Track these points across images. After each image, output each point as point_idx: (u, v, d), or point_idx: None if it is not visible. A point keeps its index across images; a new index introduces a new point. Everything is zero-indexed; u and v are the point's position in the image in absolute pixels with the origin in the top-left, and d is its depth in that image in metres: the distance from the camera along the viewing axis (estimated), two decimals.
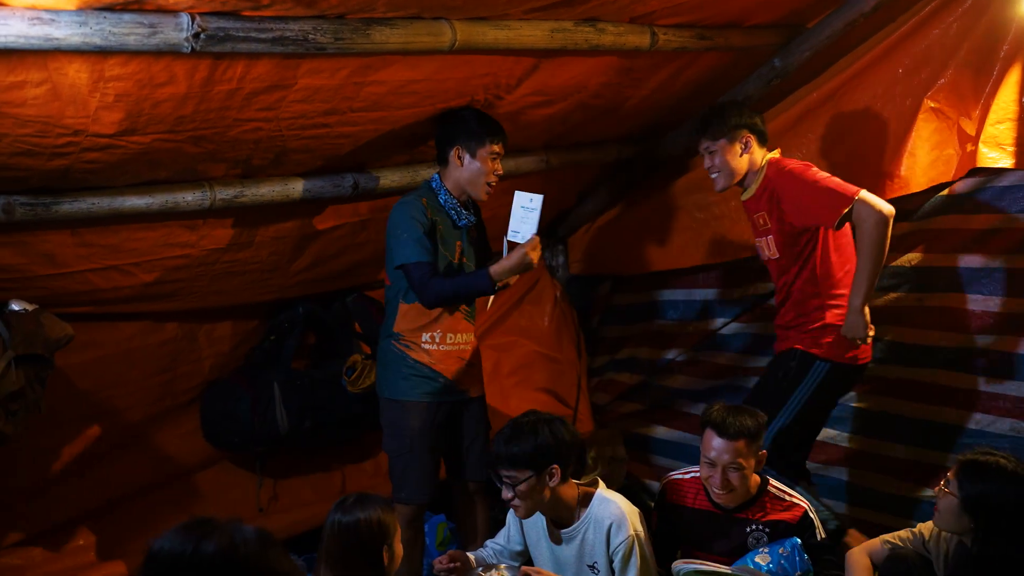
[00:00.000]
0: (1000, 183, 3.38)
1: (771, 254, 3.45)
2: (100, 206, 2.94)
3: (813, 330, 3.37)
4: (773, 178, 3.37)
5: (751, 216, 3.51)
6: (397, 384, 3.41)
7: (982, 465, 2.63)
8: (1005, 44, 3.28)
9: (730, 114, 3.41)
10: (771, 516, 2.98)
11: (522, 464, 2.77)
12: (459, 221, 3.41)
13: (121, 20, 2.30)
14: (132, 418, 3.70)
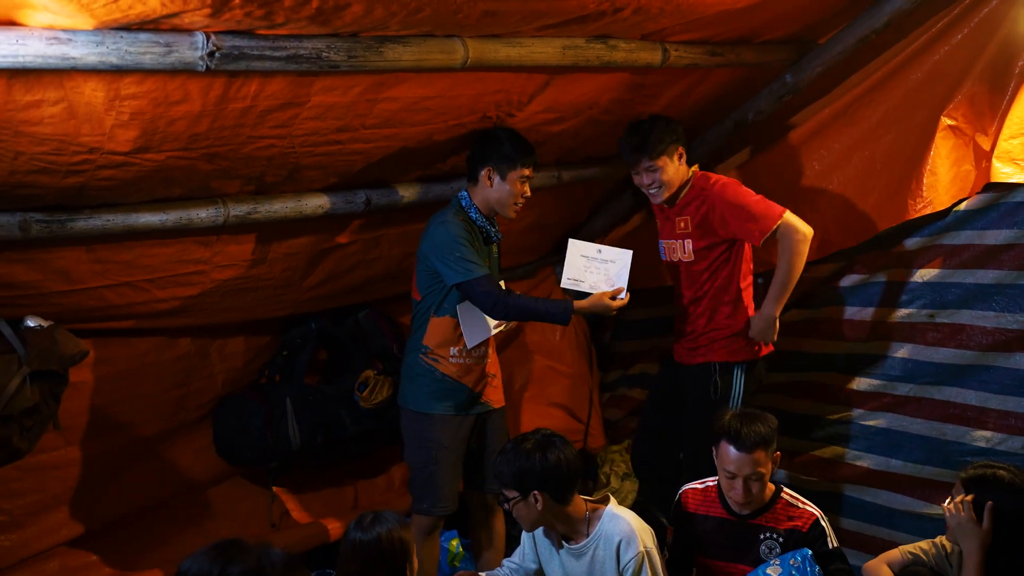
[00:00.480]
0: (1014, 199, 3.37)
1: (684, 257, 3.62)
2: (115, 223, 2.95)
3: (726, 339, 3.59)
4: (707, 189, 3.54)
5: (669, 217, 3.64)
6: (424, 398, 3.46)
7: (983, 478, 2.64)
8: (1020, 60, 3.29)
9: (665, 132, 3.49)
10: (784, 524, 3.00)
11: (507, 484, 2.86)
12: (490, 238, 3.47)
13: (137, 39, 2.32)
14: (145, 433, 3.71)
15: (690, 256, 3.61)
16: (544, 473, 2.82)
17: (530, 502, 2.83)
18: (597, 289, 3.40)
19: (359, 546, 2.55)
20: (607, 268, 3.41)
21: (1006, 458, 3.34)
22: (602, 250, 3.45)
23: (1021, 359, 3.38)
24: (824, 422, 3.99)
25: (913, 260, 3.68)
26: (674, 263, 3.70)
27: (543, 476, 2.82)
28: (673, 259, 3.69)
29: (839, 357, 3.96)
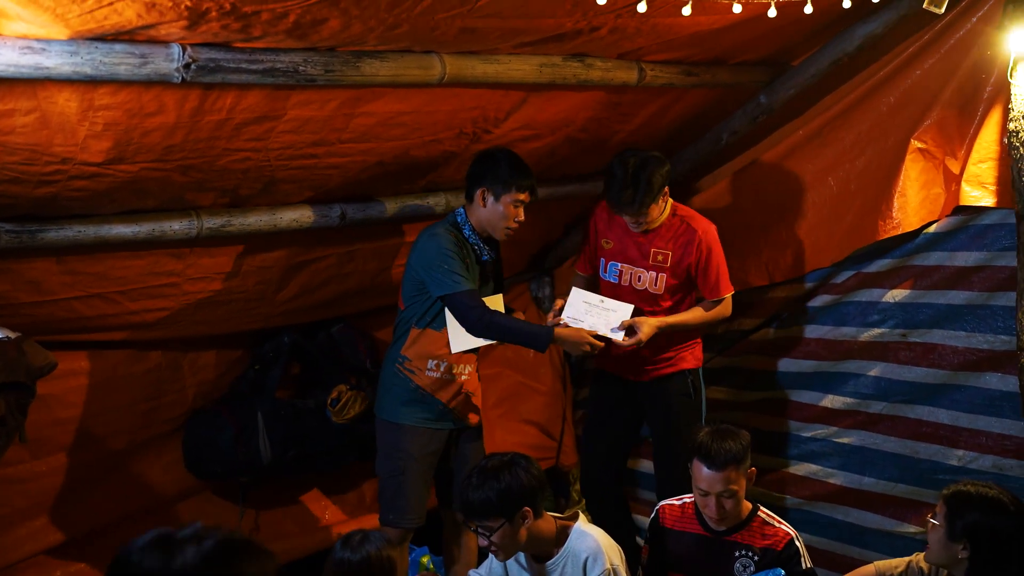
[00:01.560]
0: (982, 221, 3.41)
1: (653, 288, 3.60)
2: (86, 234, 2.93)
3: (691, 348, 3.71)
4: (696, 232, 3.55)
5: (644, 246, 3.60)
6: (397, 407, 3.45)
7: (967, 495, 2.65)
8: (988, 85, 3.33)
9: (655, 183, 3.41)
10: (759, 542, 3.01)
11: (493, 513, 2.76)
12: (481, 256, 3.46)
13: (112, 50, 2.31)
14: (114, 447, 3.67)
15: (659, 289, 3.60)
16: (525, 488, 2.78)
17: (516, 522, 2.77)
18: (595, 329, 3.44)
19: (348, 566, 2.55)
20: (608, 316, 3.46)
21: (978, 477, 3.36)
22: (604, 300, 3.50)
23: (991, 379, 3.41)
24: (797, 440, 4.01)
25: (885, 280, 3.71)
26: (635, 289, 3.63)
27: (525, 491, 2.77)
28: (636, 285, 3.63)
29: (812, 375, 3.98)
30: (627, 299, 3.58)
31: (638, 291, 3.63)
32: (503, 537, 2.77)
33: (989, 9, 3.29)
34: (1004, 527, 2.59)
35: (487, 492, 2.75)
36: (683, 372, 3.67)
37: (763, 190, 4.05)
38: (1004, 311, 3.33)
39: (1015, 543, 2.59)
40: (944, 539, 2.65)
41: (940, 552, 2.69)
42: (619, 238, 3.66)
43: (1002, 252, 3.34)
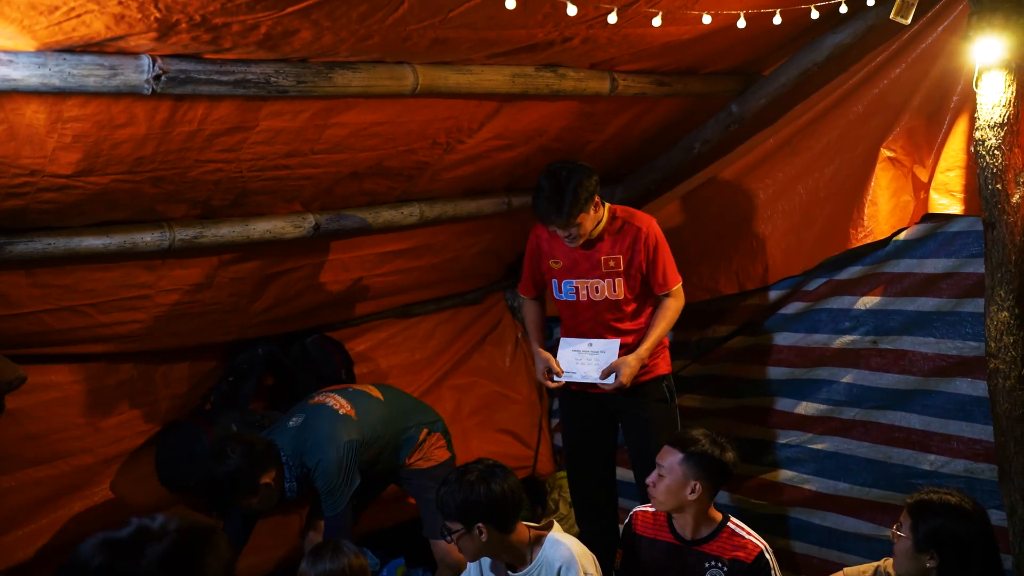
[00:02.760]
0: (950, 229, 3.45)
1: (612, 295, 3.58)
2: (56, 246, 2.91)
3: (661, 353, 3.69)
4: (641, 229, 3.52)
5: (592, 256, 3.56)
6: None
7: (930, 503, 2.67)
8: (955, 95, 3.37)
9: (579, 193, 3.34)
10: (729, 554, 3.01)
11: (451, 517, 2.85)
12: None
13: (81, 62, 2.30)
14: (85, 461, 3.62)
15: (621, 295, 3.56)
16: (489, 505, 2.82)
17: (474, 534, 2.83)
18: (589, 378, 3.54)
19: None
20: (598, 358, 3.53)
21: (950, 480, 3.41)
22: (592, 343, 3.57)
23: (961, 384, 3.45)
24: (772, 446, 4.03)
25: (856, 288, 3.74)
26: (594, 301, 3.60)
27: (488, 508, 2.82)
28: (595, 297, 3.59)
29: (785, 383, 4.01)
30: (587, 313, 3.61)
31: (597, 302, 3.60)
32: (461, 542, 2.87)
33: (954, 20, 3.34)
34: (967, 532, 2.61)
35: (453, 497, 2.84)
36: (658, 378, 3.66)
37: (734, 199, 4.08)
38: (972, 317, 3.37)
39: (977, 548, 2.62)
40: (911, 551, 2.66)
41: (907, 563, 2.69)
42: (566, 255, 3.60)
43: (970, 259, 3.38)
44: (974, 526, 2.62)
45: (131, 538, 1.40)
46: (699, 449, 3.01)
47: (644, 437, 3.67)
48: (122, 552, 1.38)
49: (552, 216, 3.38)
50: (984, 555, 2.63)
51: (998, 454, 3.15)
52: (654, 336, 3.57)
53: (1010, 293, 3.08)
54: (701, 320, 4.27)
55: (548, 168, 3.42)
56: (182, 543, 1.39)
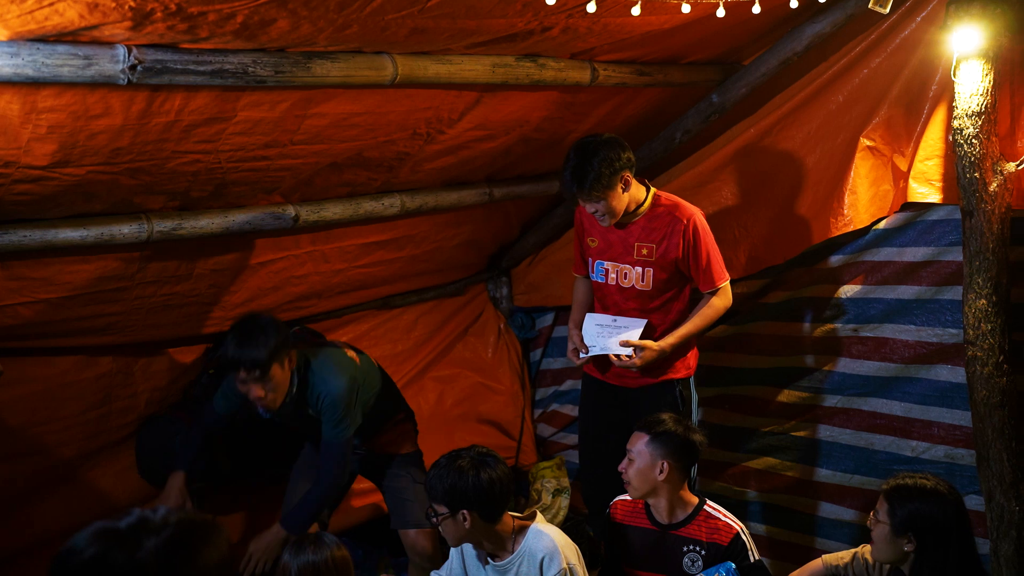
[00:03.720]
0: (929, 217, 3.48)
1: (640, 285, 3.49)
2: (32, 239, 2.88)
3: (682, 358, 3.58)
4: (679, 221, 3.41)
5: (627, 240, 3.47)
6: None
7: (906, 488, 2.70)
8: (934, 84, 3.39)
9: (606, 168, 3.23)
10: (705, 537, 3.04)
11: (437, 500, 2.85)
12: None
13: (55, 51, 2.27)
14: (64, 455, 3.60)
15: (647, 285, 3.47)
16: (476, 493, 2.81)
17: (458, 520, 2.83)
18: (607, 350, 3.48)
19: (311, 568, 2.62)
20: (620, 334, 3.47)
21: (931, 466, 3.44)
22: (617, 319, 3.50)
23: (941, 371, 3.48)
24: (755, 434, 4.05)
25: (837, 276, 3.76)
26: (622, 287, 3.53)
27: (475, 495, 2.81)
28: (623, 283, 3.52)
29: (768, 371, 4.03)
30: (612, 299, 3.54)
31: (625, 289, 3.51)
32: (444, 525, 2.87)
33: (932, 9, 3.35)
34: (943, 515, 2.65)
35: (441, 481, 2.84)
36: (671, 382, 3.55)
37: (717, 189, 4.08)
38: (952, 305, 3.40)
39: (953, 531, 2.65)
40: (889, 535, 2.69)
41: (886, 548, 2.72)
42: (602, 235, 3.51)
43: (949, 247, 3.41)
44: (950, 508, 2.65)
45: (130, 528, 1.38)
46: (664, 428, 3.05)
47: None
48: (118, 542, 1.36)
49: (573, 189, 3.28)
50: (960, 537, 2.66)
51: (976, 440, 3.18)
52: (684, 330, 3.46)
53: (988, 281, 3.10)
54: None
55: (578, 140, 3.34)
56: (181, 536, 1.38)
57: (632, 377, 3.56)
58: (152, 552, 1.35)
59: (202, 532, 1.42)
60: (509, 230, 4.72)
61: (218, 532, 1.45)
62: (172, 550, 1.37)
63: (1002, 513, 3.07)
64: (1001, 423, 3.10)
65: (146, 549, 1.35)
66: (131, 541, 1.36)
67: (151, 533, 1.37)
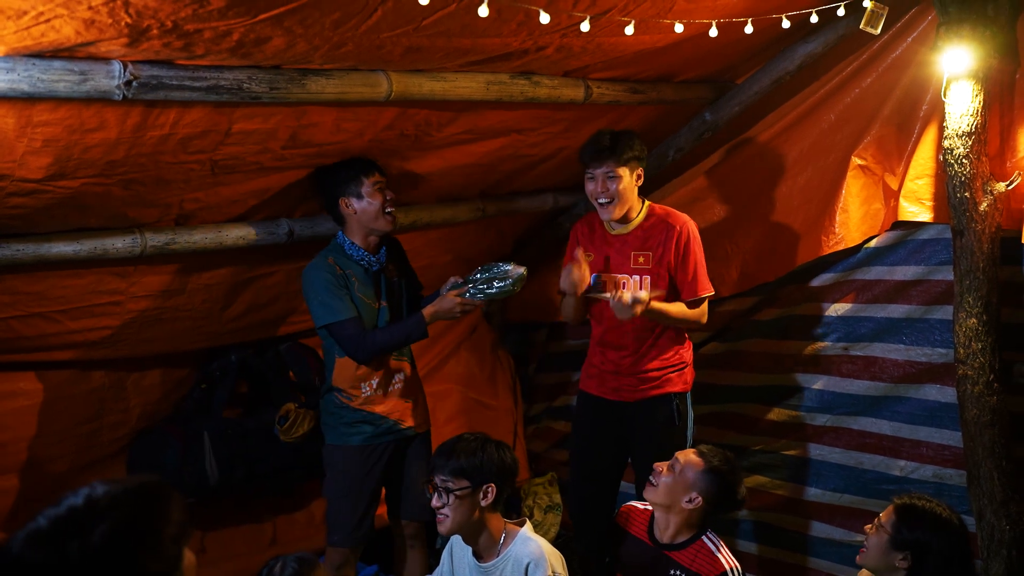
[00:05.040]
0: (920, 236, 3.50)
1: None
2: (25, 252, 2.88)
3: (680, 371, 3.54)
4: (674, 227, 3.43)
5: (624, 249, 3.49)
6: (339, 430, 3.46)
7: (920, 510, 2.68)
8: (924, 104, 3.42)
9: (635, 143, 3.37)
10: (695, 566, 2.98)
11: (462, 473, 2.79)
12: (372, 268, 3.46)
13: (51, 67, 2.29)
14: (56, 469, 3.58)
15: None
16: (500, 468, 2.80)
17: (478, 496, 2.79)
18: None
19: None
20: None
21: (919, 486, 3.45)
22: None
23: (930, 390, 3.48)
24: (745, 452, 4.05)
25: (827, 295, 3.78)
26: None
27: (499, 471, 2.80)
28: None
29: (759, 389, 4.03)
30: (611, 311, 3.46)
31: None
32: (460, 503, 2.79)
33: (923, 30, 3.39)
34: (949, 548, 2.63)
35: (466, 455, 2.80)
36: (669, 396, 3.52)
37: (708, 206, 4.11)
38: (941, 324, 3.41)
39: (955, 563, 2.64)
40: (886, 545, 2.68)
41: (878, 557, 2.71)
42: (599, 249, 3.54)
43: (939, 266, 3.42)
44: (957, 542, 2.64)
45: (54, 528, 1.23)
46: (720, 469, 2.99)
47: (649, 458, 3.44)
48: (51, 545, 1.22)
49: (601, 151, 3.33)
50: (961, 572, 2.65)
51: (967, 460, 3.19)
52: (666, 307, 3.39)
53: (978, 300, 3.12)
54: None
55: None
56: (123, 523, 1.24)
57: (630, 391, 3.54)
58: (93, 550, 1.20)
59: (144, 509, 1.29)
60: (502, 246, 4.72)
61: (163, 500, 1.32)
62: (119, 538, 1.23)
63: (992, 532, 3.08)
64: (991, 442, 3.12)
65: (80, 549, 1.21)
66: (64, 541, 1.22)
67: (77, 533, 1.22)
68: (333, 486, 3.48)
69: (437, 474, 2.83)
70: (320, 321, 3.34)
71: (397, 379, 3.51)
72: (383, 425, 3.47)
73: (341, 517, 3.44)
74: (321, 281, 3.32)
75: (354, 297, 3.36)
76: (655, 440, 3.52)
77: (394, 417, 3.49)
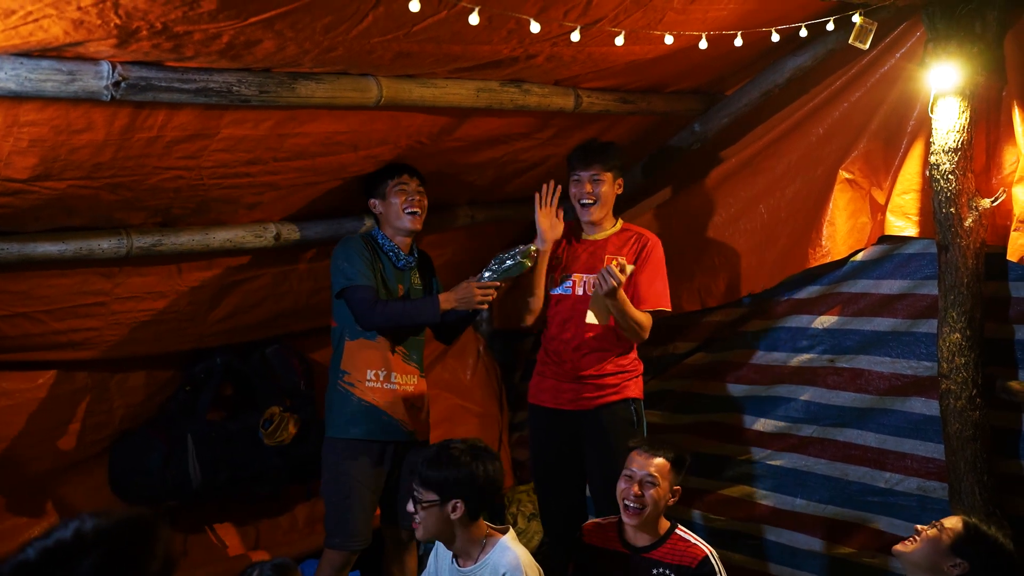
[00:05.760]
0: (906, 251, 3.51)
1: None
2: (10, 252, 2.87)
3: (635, 378, 3.62)
4: (644, 237, 3.58)
5: (593, 253, 3.58)
6: (342, 423, 3.42)
7: (989, 532, 2.64)
8: (912, 119, 3.44)
9: (620, 153, 3.57)
10: (675, 560, 3.03)
11: (430, 486, 2.77)
12: (398, 263, 3.48)
13: (38, 66, 2.28)
14: (37, 469, 3.57)
15: None
16: (471, 484, 2.76)
17: (447, 510, 2.77)
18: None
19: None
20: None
21: (903, 498, 3.47)
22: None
23: (915, 403, 3.49)
24: (732, 462, 4.06)
25: (814, 307, 3.79)
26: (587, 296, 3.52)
27: (469, 486, 2.76)
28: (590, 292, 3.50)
29: (744, 399, 4.04)
30: (574, 309, 3.55)
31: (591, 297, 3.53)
32: (427, 512, 2.78)
33: (911, 46, 3.41)
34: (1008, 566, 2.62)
35: (436, 469, 2.77)
36: (627, 400, 3.58)
37: (696, 217, 4.12)
38: (926, 338, 3.42)
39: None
40: (945, 547, 2.60)
41: (930, 554, 2.62)
42: (570, 251, 3.64)
43: (924, 280, 3.44)
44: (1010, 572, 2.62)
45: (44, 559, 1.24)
46: (677, 454, 3.06)
47: (606, 457, 3.55)
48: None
49: (590, 154, 3.52)
50: None
51: (949, 473, 3.20)
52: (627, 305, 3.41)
53: (962, 315, 3.14)
54: (662, 336, 4.29)
55: None
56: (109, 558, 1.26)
57: (589, 399, 3.57)
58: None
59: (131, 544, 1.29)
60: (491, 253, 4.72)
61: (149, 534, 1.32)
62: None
63: None
64: (973, 456, 3.13)
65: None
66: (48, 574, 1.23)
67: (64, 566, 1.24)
68: (334, 486, 3.42)
69: (414, 480, 2.83)
70: (338, 287, 3.35)
71: (405, 382, 3.49)
72: (385, 421, 3.42)
73: (343, 519, 3.39)
74: (351, 250, 3.36)
75: (376, 279, 3.38)
76: (612, 443, 3.54)
77: (397, 417, 3.45)
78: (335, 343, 3.48)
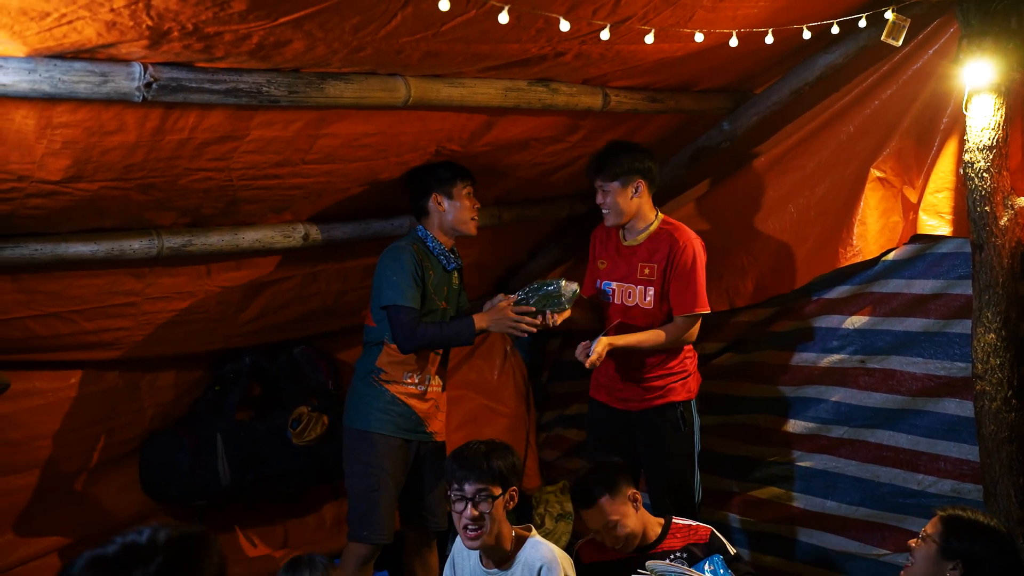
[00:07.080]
0: (939, 250, 3.47)
1: (644, 304, 3.54)
2: (43, 252, 2.89)
3: (683, 380, 3.59)
4: (679, 241, 3.49)
5: (631, 261, 3.57)
6: (370, 414, 3.43)
7: (967, 519, 2.61)
8: (945, 117, 3.39)
9: (624, 158, 3.47)
10: (681, 544, 3.08)
11: (496, 480, 2.79)
12: (448, 266, 3.50)
13: (72, 68, 2.29)
14: (68, 469, 3.60)
15: (650, 304, 3.52)
16: (521, 470, 2.86)
17: (506, 498, 2.82)
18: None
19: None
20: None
21: (937, 500, 3.41)
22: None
23: (949, 404, 3.45)
24: (761, 464, 4.03)
25: (844, 307, 3.76)
26: (626, 307, 3.58)
27: (520, 474, 2.87)
28: (627, 302, 3.57)
29: (773, 400, 4.01)
30: (617, 318, 3.56)
31: (629, 308, 3.57)
32: (493, 507, 2.78)
33: (945, 43, 3.37)
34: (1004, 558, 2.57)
35: (495, 459, 2.80)
36: (673, 404, 3.57)
37: (725, 216, 4.09)
38: (960, 338, 3.38)
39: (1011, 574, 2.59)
40: (935, 556, 2.58)
41: (927, 568, 2.63)
42: (611, 257, 3.64)
43: (958, 280, 3.39)
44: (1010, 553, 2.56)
45: (119, 557, 1.38)
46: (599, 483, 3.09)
47: (657, 462, 3.63)
48: (112, 572, 1.36)
49: (589, 167, 3.52)
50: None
51: (984, 475, 3.16)
52: (636, 338, 3.47)
53: (997, 315, 3.09)
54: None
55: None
56: (175, 559, 1.39)
57: (636, 401, 3.60)
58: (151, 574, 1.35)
59: (196, 548, 1.43)
60: (516, 254, 4.72)
61: (211, 544, 1.45)
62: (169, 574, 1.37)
63: None
64: (1009, 459, 3.09)
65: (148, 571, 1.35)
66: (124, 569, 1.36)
67: (142, 559, 1.37)
68: (362, 480, 3.42)
69: (471, 483, 2.79)
70: (385, 300, 3.33)
71: (434, 384, 3.53)
72: (414, 420, 3.46)
73: (370, 510, 3.39)
74: (403, 263, 3.35)
75: (426, 291, 3.39)
76: (662, 447, 3.59)
77: (424, 417, 3.50)
78: (371, 341, 3.49)
